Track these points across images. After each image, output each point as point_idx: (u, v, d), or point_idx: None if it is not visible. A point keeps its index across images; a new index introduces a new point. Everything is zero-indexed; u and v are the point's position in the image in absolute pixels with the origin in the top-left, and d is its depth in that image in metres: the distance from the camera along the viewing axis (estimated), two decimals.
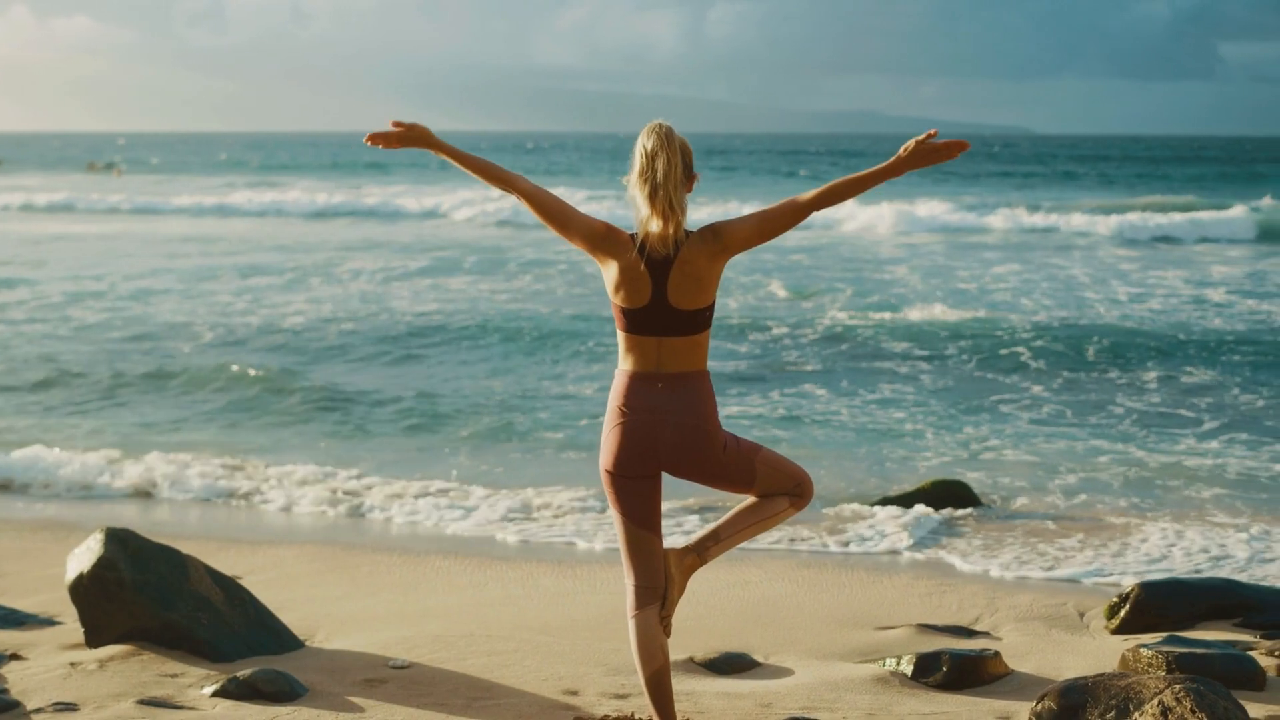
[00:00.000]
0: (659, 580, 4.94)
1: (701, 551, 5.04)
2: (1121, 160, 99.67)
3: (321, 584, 8.64)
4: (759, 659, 6.97)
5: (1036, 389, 16.08)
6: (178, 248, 34.56)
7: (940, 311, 21.98)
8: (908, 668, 6.74)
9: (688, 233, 4.76)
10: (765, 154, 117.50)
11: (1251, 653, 6.97)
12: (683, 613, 8.09)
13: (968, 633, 7.82)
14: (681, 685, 6.30)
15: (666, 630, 4.97)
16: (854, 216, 40.91)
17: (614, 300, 4.83)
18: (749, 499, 5.07)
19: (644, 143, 4.77)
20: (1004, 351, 18.25)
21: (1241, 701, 5.74)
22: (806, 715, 5.73)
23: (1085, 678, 6.12)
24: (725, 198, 52.16)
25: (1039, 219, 41.61)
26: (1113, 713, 5.87)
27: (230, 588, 6.86)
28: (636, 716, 5.62)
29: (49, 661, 6.53)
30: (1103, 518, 10.82)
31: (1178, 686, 5.65)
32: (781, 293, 25.06)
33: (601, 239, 4.81)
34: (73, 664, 6.39)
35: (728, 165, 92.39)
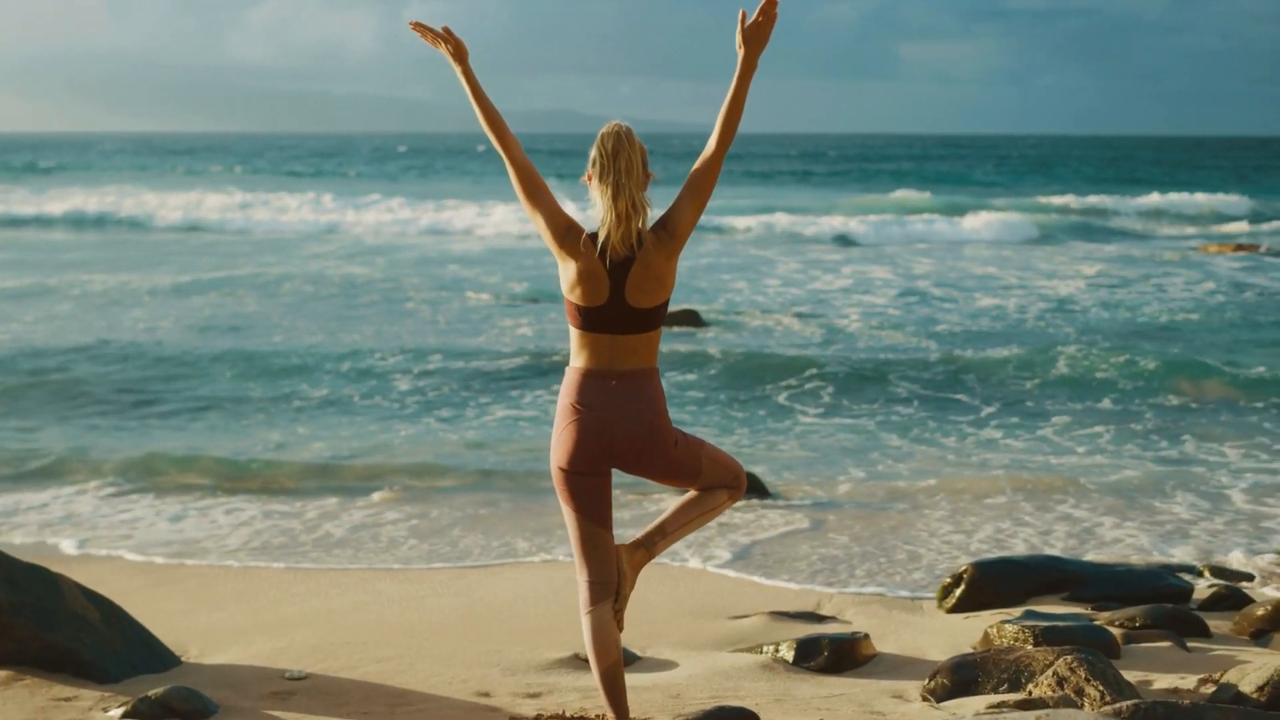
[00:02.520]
0: (612, 576, 4.99)
1: (650, 546, 5.11)
2: (803, 158, 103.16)
3: (156, 600, 8.37)
4: (637, 653, 7.07)
5: (810, 385, 16.56)
6: None
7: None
8: (788, 654, 6.93)
9: (642, 233, 4.81)
10: (463, 154, 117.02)
11: (1095, 623, 7.39)
12: (541, 611, 8.15)
13: (817, 618, 8.07)
14: (578, 682, 6.36)
15: (619, 624, 5.02)
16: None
17: (569, 297, 4.84)
18: (690, 493, 5.15)
19: (604, 143, 4.80)
20: (766, 349, 18.75)
21: None
22: (726, 704, 5.84)
23: (973, 653, 6.42)
24: (431, 197, 51.83)
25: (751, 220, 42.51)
26: (1005, 685, 6.17)
27: (105, 606, 6.59)
28: (595, 715, 5.65)
29: None
30: (892, 505, 11.25)
31: (1069, 657, 5.98)
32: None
33: (564, 234, 4.82)
34: None
35: (428, 165, 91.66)
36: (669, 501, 7.13)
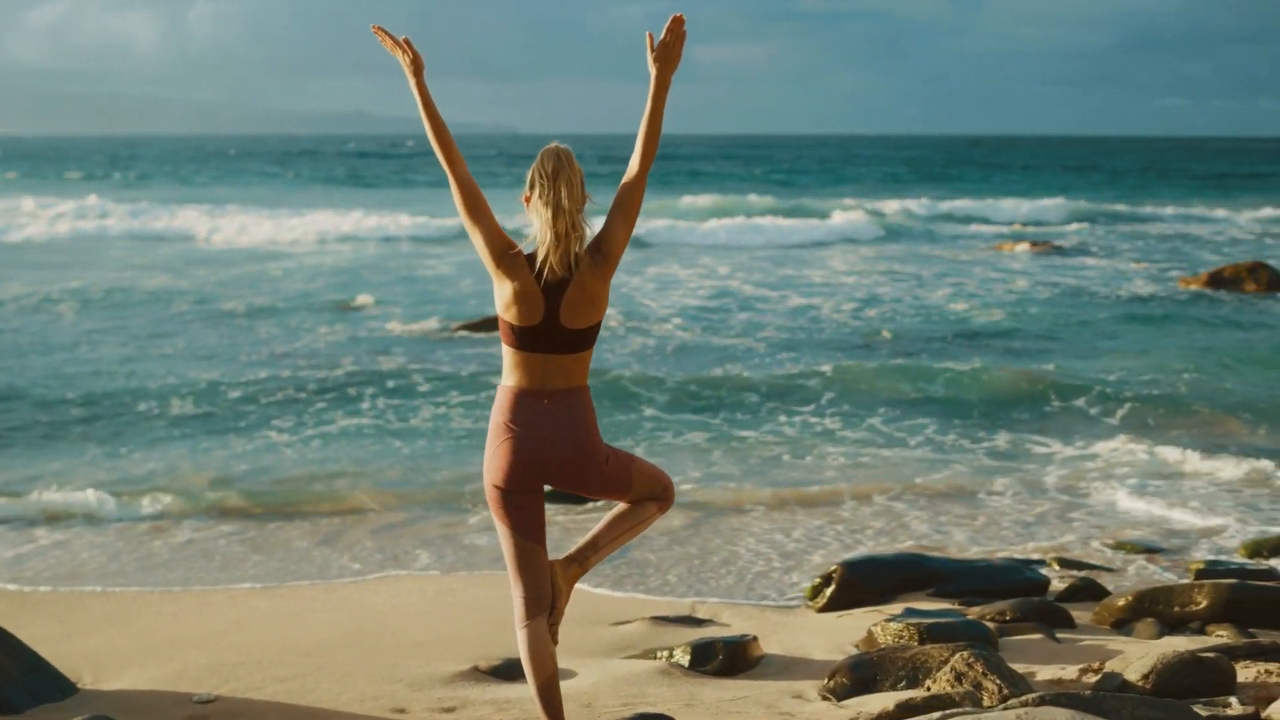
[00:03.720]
0: (546, 591, 5.05)
1: (583, 561, 5.18)
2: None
3: (24, 627, 8.13)
4: None
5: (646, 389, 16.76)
6: None
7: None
8: (684, 658, 7.07)
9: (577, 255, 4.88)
10: (259, 156, 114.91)
11: (971, 618, 7.68)
12: (424, 624, 8.16)
13: (696, 621, 8.23)
14: (487, 694, 6.41)
15: (554, 638, 5.09)
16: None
17: (504, 317, 4.89)
18: (620, 506, 5.25)
19: (544, 165, 4.85)
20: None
21: None
22: (644, 712, 5.95)
23: (869, 652, 6.65)
24: (220, 202, 50.91)
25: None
26: (904, 682, 6.40)
27: None
28: None
29: None
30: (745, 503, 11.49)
31: (965, 653, 6.22)
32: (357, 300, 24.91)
33: (502, 254, 4.85)
34: None
35: (222, 171, 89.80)
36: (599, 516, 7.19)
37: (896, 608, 8.29)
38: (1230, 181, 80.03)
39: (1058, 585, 8.94)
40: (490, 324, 21.91)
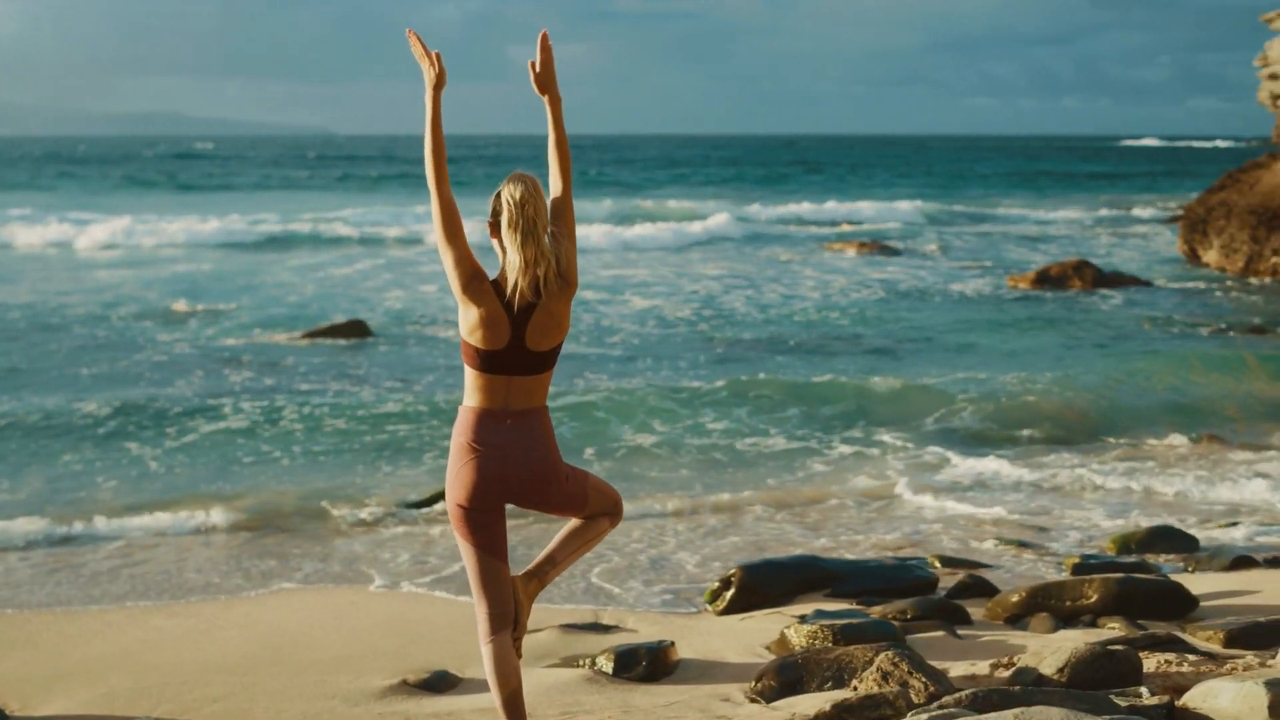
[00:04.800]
0: (510, 607, 5.13)
1: (542, 576, 5.27)
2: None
3: None
4: (457, 673, 7.20)
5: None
6: None
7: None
8: (607, 665, 7.19)
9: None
10: (68, 159, 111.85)
11: (876, 618, 7.92)
12: (337, 638, 8.15)
13: (603, 628, 8.35)
14: (426, 707, 6.47)
15: (518, 652, 5.17)
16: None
17: (469, 340, 4.94)
18: (574, 522, 5.34)
19: (511, 191, 4.92)
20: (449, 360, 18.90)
21: None
22: None
23: (794, 654, 6.83)
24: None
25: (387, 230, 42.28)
26: (830, 683, 6.61)
27: None
28: None
29: None
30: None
31: (889, 653, 6.44)
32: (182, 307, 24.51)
33: (470, 279, 4.90)
34: None
35: (34, 174, 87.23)
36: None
37: (795, 609, 8.51)
38: (1044, 180, 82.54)
39: (946, 583, 9.24)
40: (336, 331, 21.79)
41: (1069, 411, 15.74)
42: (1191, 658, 6.81)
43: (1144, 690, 6.20)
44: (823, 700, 6.22)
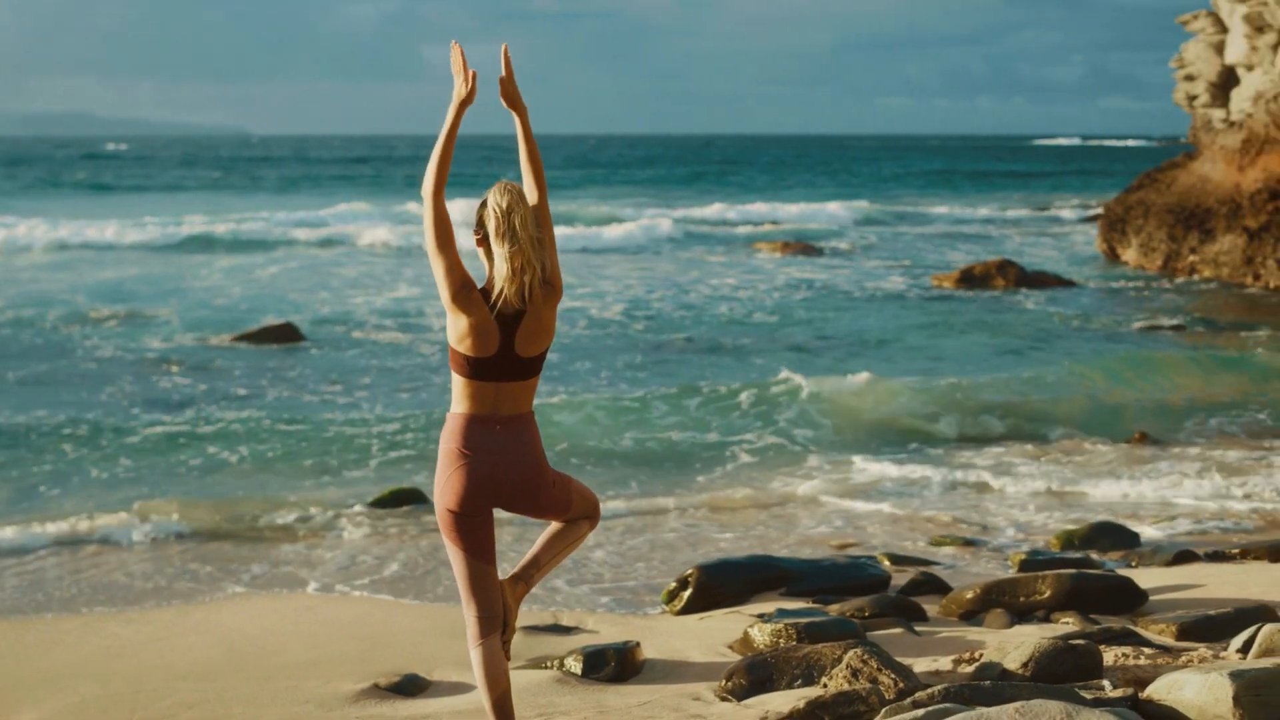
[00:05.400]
0: (499, 609, 5.19)
1: (528, 579, 5.34)
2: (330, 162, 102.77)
3: None
4: (425, 676, 7.23)
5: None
6: None
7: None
8: (576, 666, 7.25)
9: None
10: None
11: (835, 616, 8.05)
12: (299, 643, 8.15)
13: (564, 629, 8.41)
14: (401, 711, 6.50)
15: (507, 654, 5.24)
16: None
17: (458, 348, 4.99)
18: (555, 525, 5.41)
19: (497, 200, 4.97)
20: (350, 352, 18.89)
21: None
22: None
23: (764, 653, 6.93)
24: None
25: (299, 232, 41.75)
26: (799, 680, 6.71)
27: None
28: None
29: None
30: None
31: (858, 650, 6.55)
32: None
33: (459, 288, 4.95)
34: None
35: None
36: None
37: (753, 608, 8.62)
38: (960, 180, 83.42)
39: (897, 580, 9.39)
40: (266, 335, 21.69)
41: (998, 411, 15.97)
42: (1147, 651, 6.97)
43: (1106, 683, 6.36)
44: (795, 698, 6.32)
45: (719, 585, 8.89)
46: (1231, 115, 31.82)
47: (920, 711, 4.50)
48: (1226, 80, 32.56)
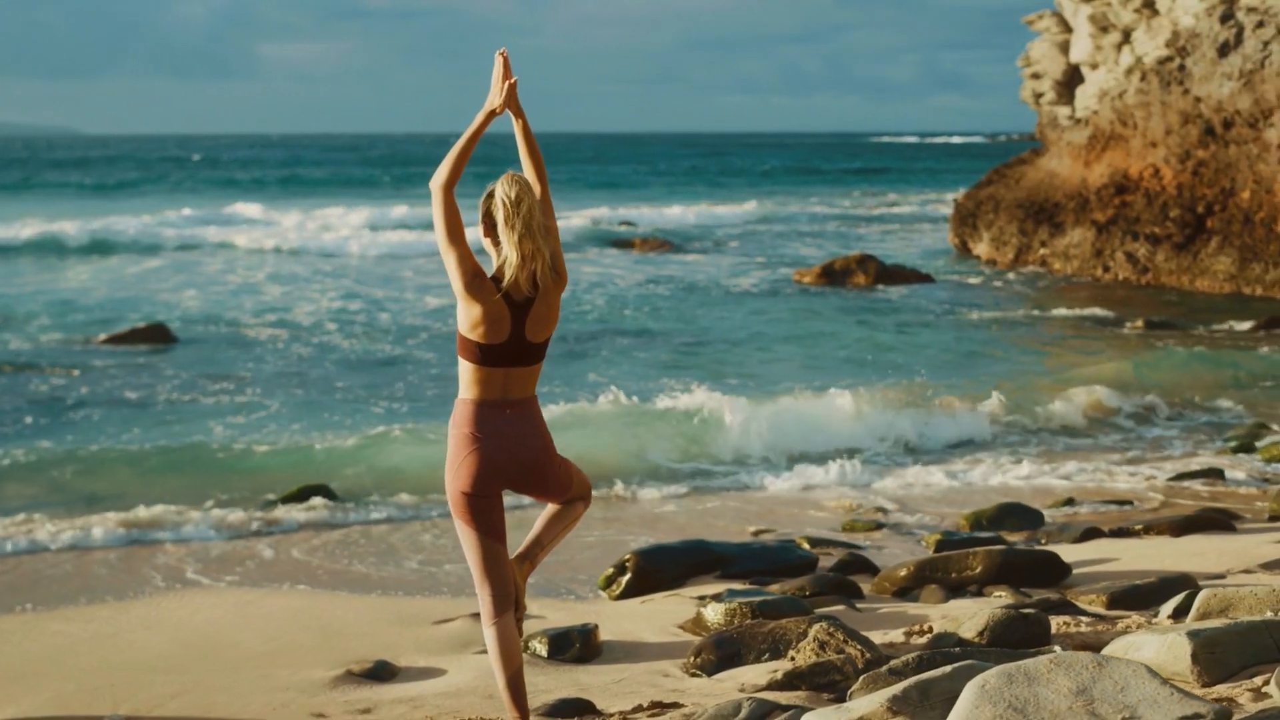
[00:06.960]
0: (511, 588, 5.35)
1: (532, 558, 5.50)
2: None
3: None
4: (393, 662, 7.34)
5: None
6: None
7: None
8: (542, 649, 7.43)
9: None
10: None
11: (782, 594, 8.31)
12: (257, 634, 8.20)
13: None
14: (384, 694, 6.62)
15: (520, 631, 5.40)
16: None
17: (470, 336, 5.13)
18: (553, 506, 5.59)
19: (505, 191, 5.12)
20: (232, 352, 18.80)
21: None
22: (570, 697, 6.28)
23: (729, 629, 7.17)
24: None
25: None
26: (767, 654, 6.96)
27: None
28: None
29: None
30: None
31: (824, 624, 6.83)
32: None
33: (471, 278, 5.09)
34: None
35: None
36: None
37: (690, 590, 8.87)
38: (806, 176, 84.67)
39: (824, 563, 9.70)
40: (137, 335, 21.42)
41: (872, 405, 16.22)
42: (1085, 619, 7.36)
43: (1057, 648, 6.71)
44: (767, 670, 6.57)
45: (657, 569, 9.12)
46: (1077, 112, 32.91)
47: (949, 668, 4.74)
48: (1072, 78, 33.65)
